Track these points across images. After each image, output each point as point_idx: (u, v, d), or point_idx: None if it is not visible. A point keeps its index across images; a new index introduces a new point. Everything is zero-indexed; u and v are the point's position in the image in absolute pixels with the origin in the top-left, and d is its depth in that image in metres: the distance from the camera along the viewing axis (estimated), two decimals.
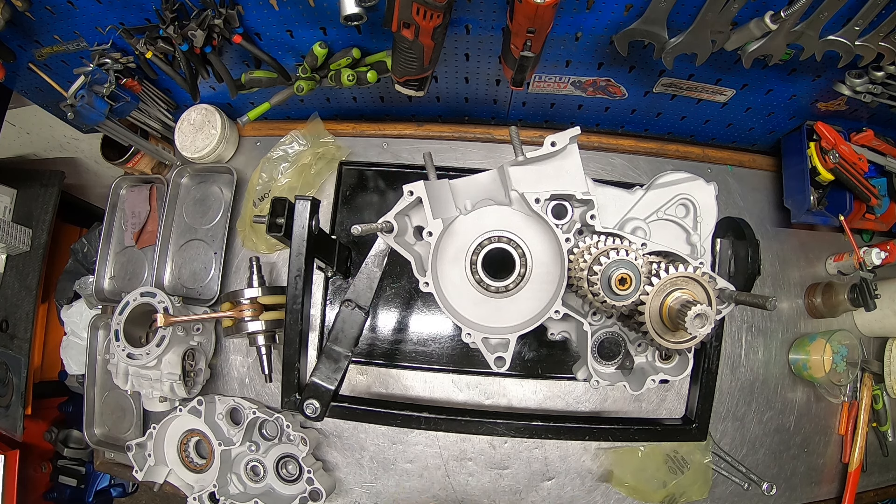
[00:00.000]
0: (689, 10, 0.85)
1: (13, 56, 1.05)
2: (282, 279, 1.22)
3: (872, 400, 1.17)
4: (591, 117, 1.28)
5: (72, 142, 1.81)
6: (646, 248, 0.73)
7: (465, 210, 0.76)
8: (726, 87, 1.09)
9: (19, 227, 1.51)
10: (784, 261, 1.23)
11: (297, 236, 0.88)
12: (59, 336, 1.48)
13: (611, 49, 0.97)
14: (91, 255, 1.46)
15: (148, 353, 1.04)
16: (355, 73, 1.05)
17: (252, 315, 1.04)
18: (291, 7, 0.96)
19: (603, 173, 1.23)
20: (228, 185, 1.26)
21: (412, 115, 1.32)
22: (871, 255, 1.09)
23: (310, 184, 1.20)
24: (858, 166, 1.12)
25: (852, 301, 1.11)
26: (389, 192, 1.25)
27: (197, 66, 1.03)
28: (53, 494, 1.72)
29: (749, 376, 1.18)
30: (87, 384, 1.23)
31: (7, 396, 1.49)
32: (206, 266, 1.25)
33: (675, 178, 0.79)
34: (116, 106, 1.07)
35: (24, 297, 1.51)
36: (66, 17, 1.00)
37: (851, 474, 1.14)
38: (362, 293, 1.13)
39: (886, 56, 0.87)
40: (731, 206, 1.23)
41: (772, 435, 1.17)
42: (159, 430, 1.13)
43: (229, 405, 1.14)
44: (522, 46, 0.84)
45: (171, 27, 0.94)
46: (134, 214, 1.30)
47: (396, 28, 0.82)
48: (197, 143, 1.22)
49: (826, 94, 1.07)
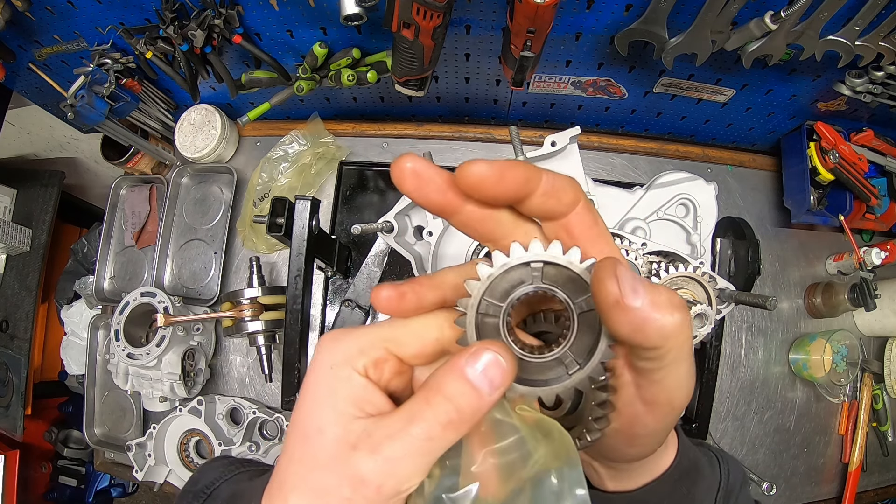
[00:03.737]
0: (689, 10, 0.85)
1: (13, 56, 1.05)
2: (282, 279, 1.22)
3: (872, 400, 1.17)
4: (591, 117, 1.28)
5: (72, 142, 1.81)
6: (646, 247, 0.73)
7: None
8: (726, 87, 1.09)
9: (19, 227, 1.51)
10: (784, 261, 1.23)
11: (297, 236, 0.88)
12: (59, 336, 1.48)
13: (611, 49, 0.97)
14: (91, 255, 1.46)
15: (148, 353, 1.04)
16: (355, 73, 1.05)
17: (252, 315, 1.04)
18: (291, 7, 0.96)
19: (603, 173, 1.23)
20: (228, 185, 1.26)
21: (412, 115, 1.32)
22: (871, 255, 1.09)
23: (310, 184, 1.21)
24: (858, 166, 1.12)
25: (852, 301, 1.11)
26: (389, 192, 1.25)
27: (197, 66, 1.03)
28: (53, 494, 1.72)
29: (749, 376, 1.18)
30: (87, 384, 1.23)
31: (7, 396, 1.49)
32: (206, 266, 1.25)
33: (675, 178, 0.79)
34: (116, 106, 1.07)
35: (24, 297, 1.51)
36: (66, 17, 1.00)
37: (851, 474, 1.14)
38: (362, 293, 1.13)
39: (886, 56, 0.87)
40: (731, 206, 1.23)
41: (772, 435, 1.17)
42: (159, 430, 1.13)
43: (229, 405, 1.14)
44: (522, 46, 0.84)
45: (171, 27, 0.94)
46: (134, 214, 1.30)
47: (396, 28, 0.83)
48: (197, 143, 1.22)
49: (826, 94, 1.07)
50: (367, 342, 0.30)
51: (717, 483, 0.42)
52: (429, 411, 0.27)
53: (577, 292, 0.29)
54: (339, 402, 0.28)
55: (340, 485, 0.27)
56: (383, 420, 0.28)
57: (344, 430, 0.28)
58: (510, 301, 0.29)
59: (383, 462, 0.26)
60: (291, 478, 0.29)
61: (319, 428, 0.28)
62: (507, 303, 0.29)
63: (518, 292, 0.29)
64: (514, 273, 0.29)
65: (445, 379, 0.27)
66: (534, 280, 0.29)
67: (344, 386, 0.29)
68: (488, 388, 0.27)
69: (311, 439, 0.28)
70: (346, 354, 0.29)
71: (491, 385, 0.27)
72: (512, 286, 0.29)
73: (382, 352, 0.30)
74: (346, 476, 0.27)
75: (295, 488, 0.28)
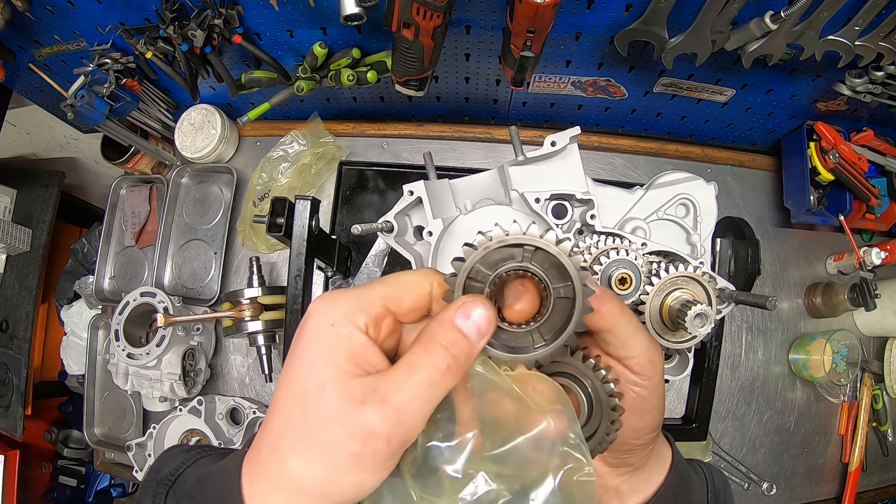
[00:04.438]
0: (689, 10, 0.85)
1: (13, 56, 1.05)
2: (282, 279, 1.22)
3: (872, 400, 1.17)
4: (591, 117, 1.28)
5: (72, 142, 1.81)
6: (646, 247, 0.73)
7: (465, 210, 0.76)
8: (726, 87, 1.09)
9: (19, 227, 1.51)
10: (784, 261, 1.23)
11: (297, 236, 0.88)
12: (59, 336, 1.48)
13: (611, 49, 0.97)
14: (91, 255, 1.46)
15: (148, 353, 1.04)
16: (355, 73, 1.05)
17: (252, 315, 1.04)
18: (291, 7, 0.96)
19: (603, 173, 1.23)
20: (228, 185, 1.26)
21: (412, 115, 1.32)
22: (871, 255, 1.09)
23: (310, 184, 1.20)
24: (858, 166, 1.12)
25: (852, 301, 1.11)
26: (389, 192, 1.25)
27: (197, 66, 1.03)
28: (53, 494, 1.72)
29: (749, 376, 1.18)
30: (87, 384, 1.23)
31: (7, 396, 1.49)
32: (206, 266, 1.25)
33: (675, 178, 0.79)
34: (116, 106, 1.07)
35: (24, 297, 1.51)
36: (66, 17, 1.00)
37: (851, 474, 1.14)
38: None
39: (886, 56, 0.87)
40: (731, 206, 1.23)
41: (772, 435, 1.17)
42: (159, 430, 1.13)
43: (229, 405, 1.14)
44: (522, 46, 0.84)
45: (171, 27, 0.94)
46: (134, 214, 1.30)
47: (396, 28, 0.82)
48: (197, 143, 1.22)
49: (826, 94, 1.07)
50: (367, 300, 0.31)
51: (706, 486, 0.46)
52: (428, 359, 0.29)
53: (559, 279, 0.33)
54: (341, 359, 0.29)
55: (349, 440, 0.27)
56: (386, 374, 0.29)
57: (347, 386, 0.28)
58: (498, 272, 0.33)
59: (392, 412, 0.27)
60: (287, 440, 0.29)
61: (321, 385, 0.28)
62: (494, 273, 0.33)
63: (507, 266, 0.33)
64: (507, 250, 0.32)
65: (440, 329, 0.30)
66: (523, 259, 0.33)
67: (345, 343, 0.29)
68: (476, 335, 0.30)
69: (312, 397, 0.28)
70: (347, 311, 0.30)
71: (478, 332, 0.30)
72: (503, 259, 0.33)
73: (381, 308, 0.31)
74: (356, 430, 0.27)
75: (293, 451, 0.28)
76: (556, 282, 0.33)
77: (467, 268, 0.32)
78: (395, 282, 0.32)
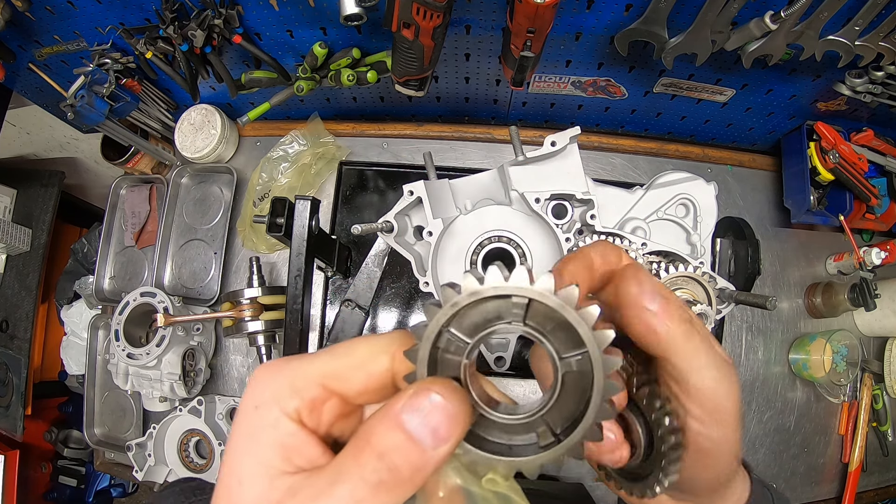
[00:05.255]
0: (689, 10, 0.85)
1: (13, 56, 1.05)
2: (282, 279, 1.22)
3: (872, 400, 1.17)
4: (591, 117, 1.28)
5: (72, 142, 1.81)
6: (646, 247, 0.73)
7: (465, 210, 0.76)
8: (726, 87, 1.09)
9: (19, 227, 1.51)
10: (784, 261, 1.23)
11: (297, 236, 0.88)
12: (59, 336, 1.48)
13: (611, 49, 0.97)
14: (91, 255, 1.46)
15: (148, 353, 1.04)
16: (355, 73, 1.05)
17: (252, 315, 1.04)
18: (291, 7, 0.96)
19: (603, 173, 1.23)
20: (228, 185, 1.26)
21: (412, 115, 1.32)
22: (871, 255, 1.09)
23: (310, 184, 1.21)
24: (858, 166, 1.12)
25: (852, 301, 1.11)
26: (389, 192, 1.25)
27: (197, 66, 1.03)
28: (53, 494, 1.72)
29: (749, 376, 1.18)
30: (87, 384, 1.23)
31: (7, 396, 1.49)
32: (206, 266, 1.25)
33: (675, 178, 0.79)
34: (116, 106, 1.07)
35: (24, 297, 1.51)
36: (66, 17, 1.00)
37: (851, 474, 1.14)
38: (362, 293, 1.13)
39: (886, 56, 0.87)
40: (731, 206, 1.23)
41: (772, 435, 1.17)
42: (159, 430, 1.13)
43: (229, 405, 1.14)
44: (522, 46, 0.84)
45: (171, 27, 0.94)
46: (134, 214, 1.30)
47: (396, 28, 0.82)
48: (197, 143, 1.22)
49: (826, 94, 1.07)
50: (301, 378, 0.25)
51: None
52: (356, 469, 0.22)
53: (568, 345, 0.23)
54: (263, 452, 0.24)
55: None
56: (312, 477, 0.23)
57: (267, 485, 0.23)
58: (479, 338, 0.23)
59: None
60: None
61: (240, 480, 0.24)
62: (475, 339, 0.23)
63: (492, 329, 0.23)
64: (489, 304, 0.23)
65: (377, 428, 0.22)
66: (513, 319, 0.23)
67: (268, 433, 0.24)
68: (431, 441, 0.21)
69: (232, 492, 0.24)
70: (275, 393, 0.24)
71: (435, 437, 0.21)
72: (486, 320, 0.23)
73: (319, 390, 0.25)
74: None
75: None
76: (565, 350, 0.23)
77: (430, 335, 0.22)
78: (345, 353, 0.25)
